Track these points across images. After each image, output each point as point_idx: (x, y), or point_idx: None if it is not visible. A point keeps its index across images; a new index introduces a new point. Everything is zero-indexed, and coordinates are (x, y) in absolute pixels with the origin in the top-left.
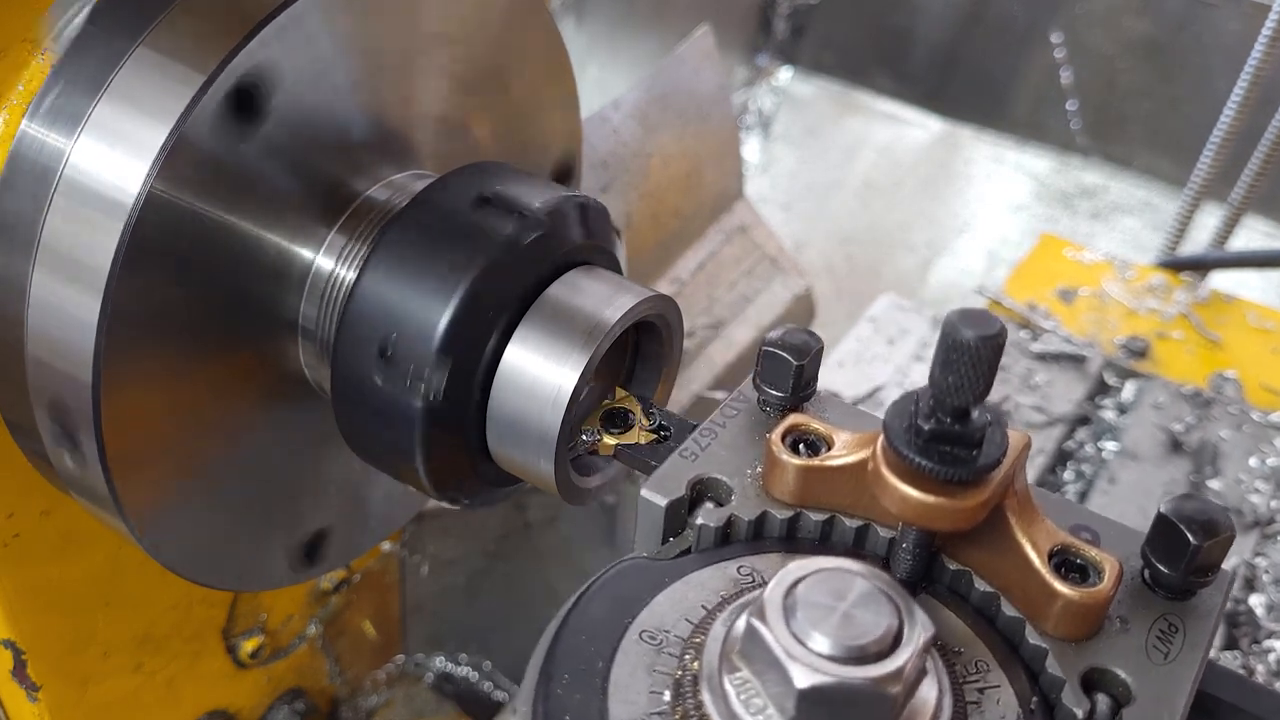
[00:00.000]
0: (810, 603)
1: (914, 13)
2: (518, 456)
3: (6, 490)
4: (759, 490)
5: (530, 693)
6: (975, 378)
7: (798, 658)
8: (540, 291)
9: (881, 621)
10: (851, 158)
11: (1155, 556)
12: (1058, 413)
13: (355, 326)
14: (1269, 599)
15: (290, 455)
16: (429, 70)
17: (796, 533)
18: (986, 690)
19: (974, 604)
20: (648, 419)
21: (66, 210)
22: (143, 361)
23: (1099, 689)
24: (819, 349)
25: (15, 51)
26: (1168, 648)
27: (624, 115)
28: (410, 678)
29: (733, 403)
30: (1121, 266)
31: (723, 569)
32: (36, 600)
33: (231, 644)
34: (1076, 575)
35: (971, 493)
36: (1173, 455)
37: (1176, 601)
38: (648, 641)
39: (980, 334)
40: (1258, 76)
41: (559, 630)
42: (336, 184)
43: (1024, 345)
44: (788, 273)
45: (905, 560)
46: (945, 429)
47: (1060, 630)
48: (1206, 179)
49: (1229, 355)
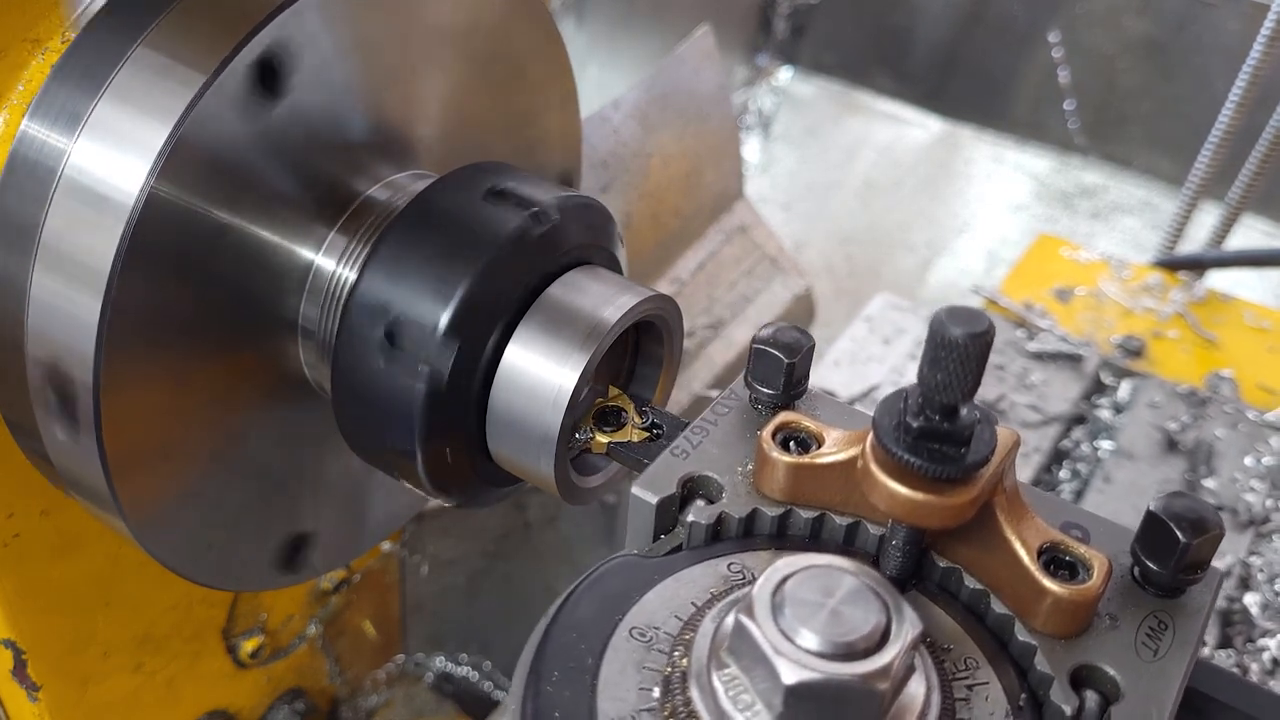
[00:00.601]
0: (798, 599)
1: (914, 13)
2: (518, 456)
3: (6, 490)
4: (750, 488)
5: (520, 690)
6: (964, 375)
7: (785, 654)
8: (540, 292)
9: (869, 618)
10: (851, 158)
11: (1145, 554)
12: (1053, 412)
13: (356, 325)
14: (1263, 598)
15: (290, 455)
16: (430, 70)
17: (787, 530)
18: (975, 687)
19: (964, 601)
20: (640, 417)
21: (66, 210)
22: (143, 362)
23: (1088, 686)
24: (810, 347)
25: (15, 51)
26: (1157, 645)
27: (624, 115)
28: (410, 678)
29: (724, 400)
30: (1118, 266)
31: (713, 566)
32: (36, 600)
33: (231, 644)
34: (1066, 572)
35: (960, 490)
36: (1168, 454)
37: (1166, 599)
38: (637, 638)
39: (968, 331)
40: (1256, 76)
41: (549, 627)
42: (337, 184)
43: (1020, 344)
44: (788, 273)
45: (895, 557)
46: (934, 426)
47: (1049, 627)
48: (1204, 178)
49: (1225, 354)
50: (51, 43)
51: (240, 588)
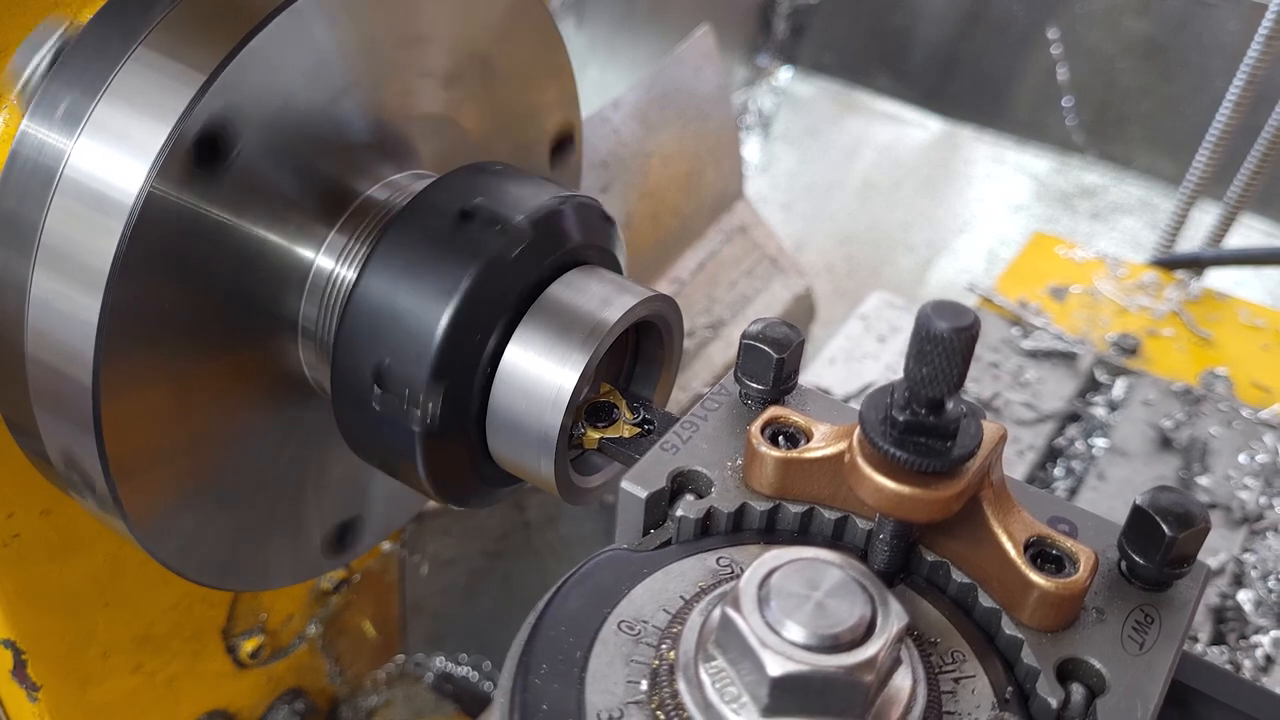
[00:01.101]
0: (784, 592)
1: (914, 13)
2: (518, 457)
3: (6, 490)
4: (739, 482)
5: (509, 683)
6: (949, 369)
7: (771, 646)
8: (539, 292)
9: (855, 611)
10: (851, 158)
11: (1131, 548)
12: (1048, 409)
13: (354, 330)
14: (1257, 594)
15: (290, 454)
16: (427, 70)
17: (776, 524)
18: (962, 680)
19: (951, 595)
20: (632, 413)
21: (66, 210)
22: (143, 361)
23: (1074, 679)
24: (800, 342)
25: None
26: (1143, 638)
27: (624, 115)
28: (410, 677)
29: (714, 396)
30: (1113, 264)
31: (702, 560)
32: (36, 600)
33: (231, 644)
34: (1052, 566)
35: (946, 484)
36: (1162, 452)
37: (1153, 593)
38: (626, 632)
39: (953, 325)
40: (1254, 75)
41: (538, 621)
42: (336, 184)
43: (1015, 342)
44: (788, 273)
45: (883, 551)
46: (920, 420)
47: (1036, 621)
48: (1202, 177)
49: (1220, 352)
50: None
51: (244, 587)
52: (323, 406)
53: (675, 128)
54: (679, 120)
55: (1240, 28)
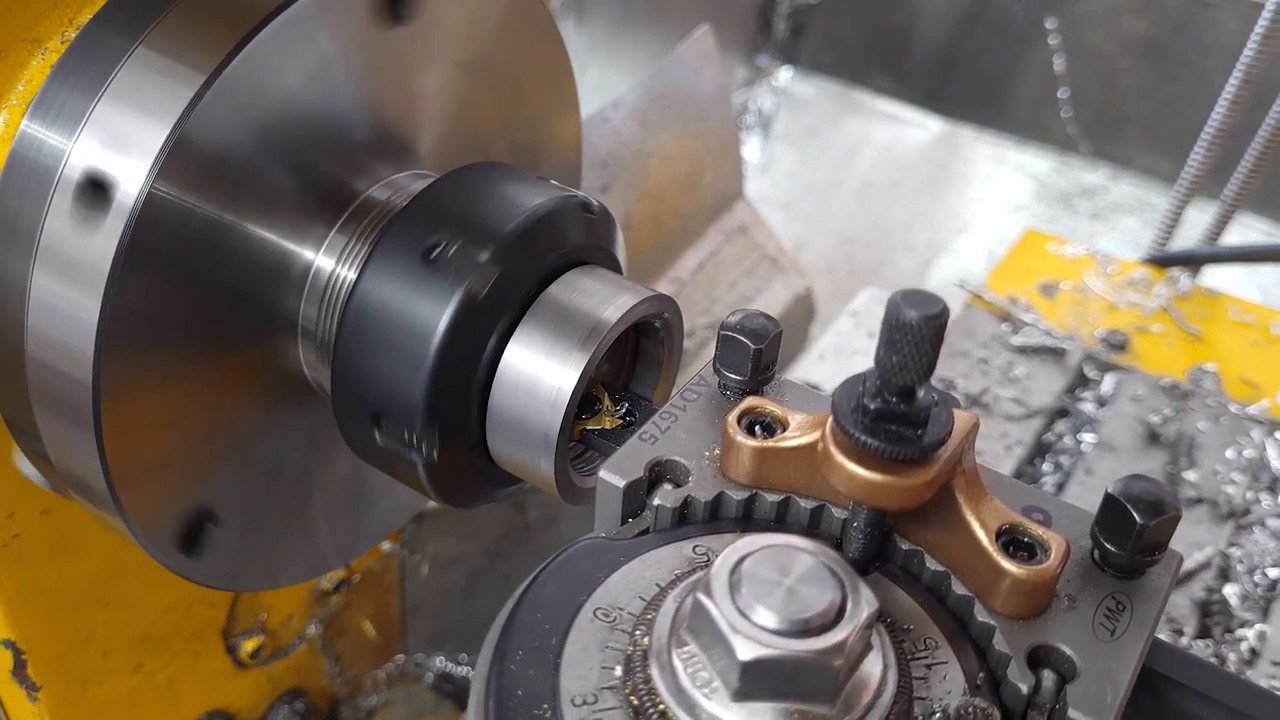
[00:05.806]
0: (755, 578)
1: (914, 13)
2: (518, 456)
3: (6, 490)
4: (716, 472)
5: (484, 669)
6: (918, 357)
7: (741, 631)
8: (539, 292)
9: (825, 596)
10: (851, 158)
11: (1104, 536)
12: (1037, 405)
13: (355, 332)
14: (1243, 589)
15: (290, 454)
16: (428, 70)
17: (753, 513)
18: (934, 666)
19: (925, 583)
20: (614, 404)
21: (66, 210)
22: (143, 361)
23: (1045, 665)
24: (778, 333)
25: (15, 51)
26: (1114, 625)
27: (624, 115)
28: (410, 678)
29: (694, 387)
30: (1104, 261)
31: (678, 548)
32: (36, 600)
33: (231, 644)
34: (1024, 553)
35: (918, 471)
36: (1150, 447)
37: (1125, 580)
38: (601, 619)
39: (923, 314)
40: (1250, 74)
41: (514, 608)
42: (337, 184)
43: (1004, 338)
44: (788, 273)
45: (857, 539)
46: (891, 408)
47: (1009, 608)
48: (1197, 175)
49: (1209, 349)
50: (51, 43)
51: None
52: (323, 406)
53: (675, 128)
54: (679, 120)
55: (1240, 28)
